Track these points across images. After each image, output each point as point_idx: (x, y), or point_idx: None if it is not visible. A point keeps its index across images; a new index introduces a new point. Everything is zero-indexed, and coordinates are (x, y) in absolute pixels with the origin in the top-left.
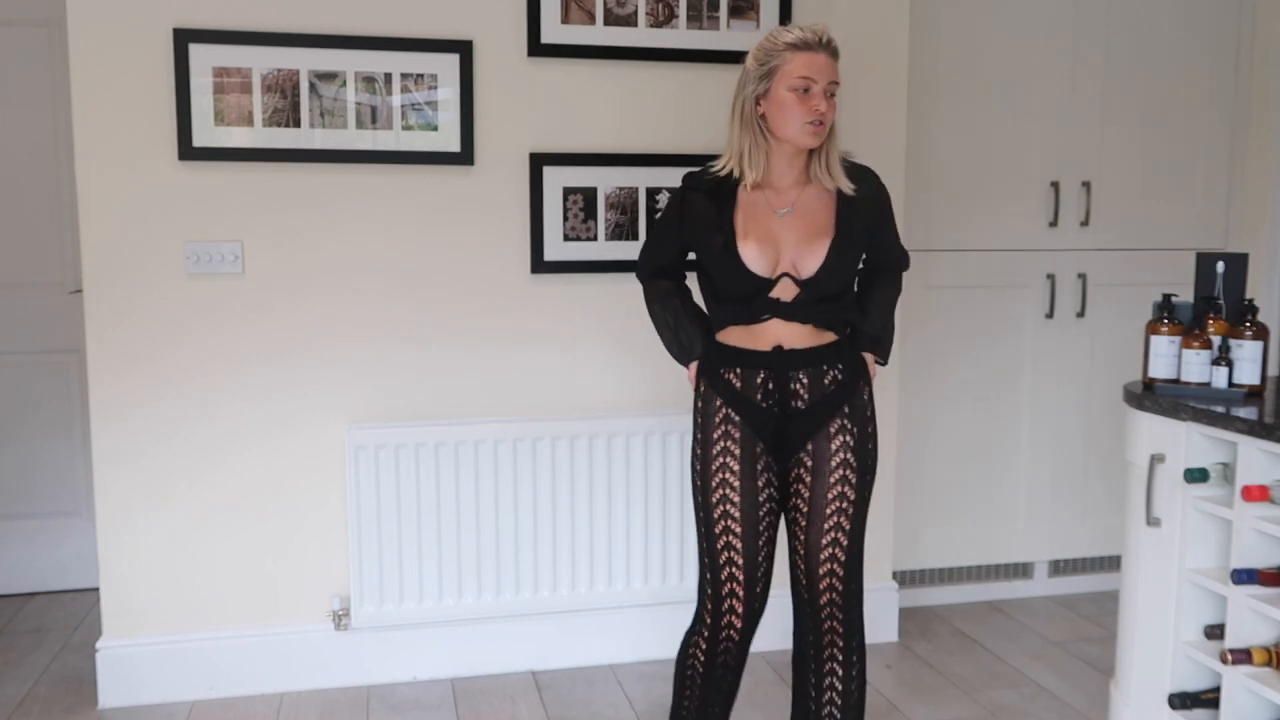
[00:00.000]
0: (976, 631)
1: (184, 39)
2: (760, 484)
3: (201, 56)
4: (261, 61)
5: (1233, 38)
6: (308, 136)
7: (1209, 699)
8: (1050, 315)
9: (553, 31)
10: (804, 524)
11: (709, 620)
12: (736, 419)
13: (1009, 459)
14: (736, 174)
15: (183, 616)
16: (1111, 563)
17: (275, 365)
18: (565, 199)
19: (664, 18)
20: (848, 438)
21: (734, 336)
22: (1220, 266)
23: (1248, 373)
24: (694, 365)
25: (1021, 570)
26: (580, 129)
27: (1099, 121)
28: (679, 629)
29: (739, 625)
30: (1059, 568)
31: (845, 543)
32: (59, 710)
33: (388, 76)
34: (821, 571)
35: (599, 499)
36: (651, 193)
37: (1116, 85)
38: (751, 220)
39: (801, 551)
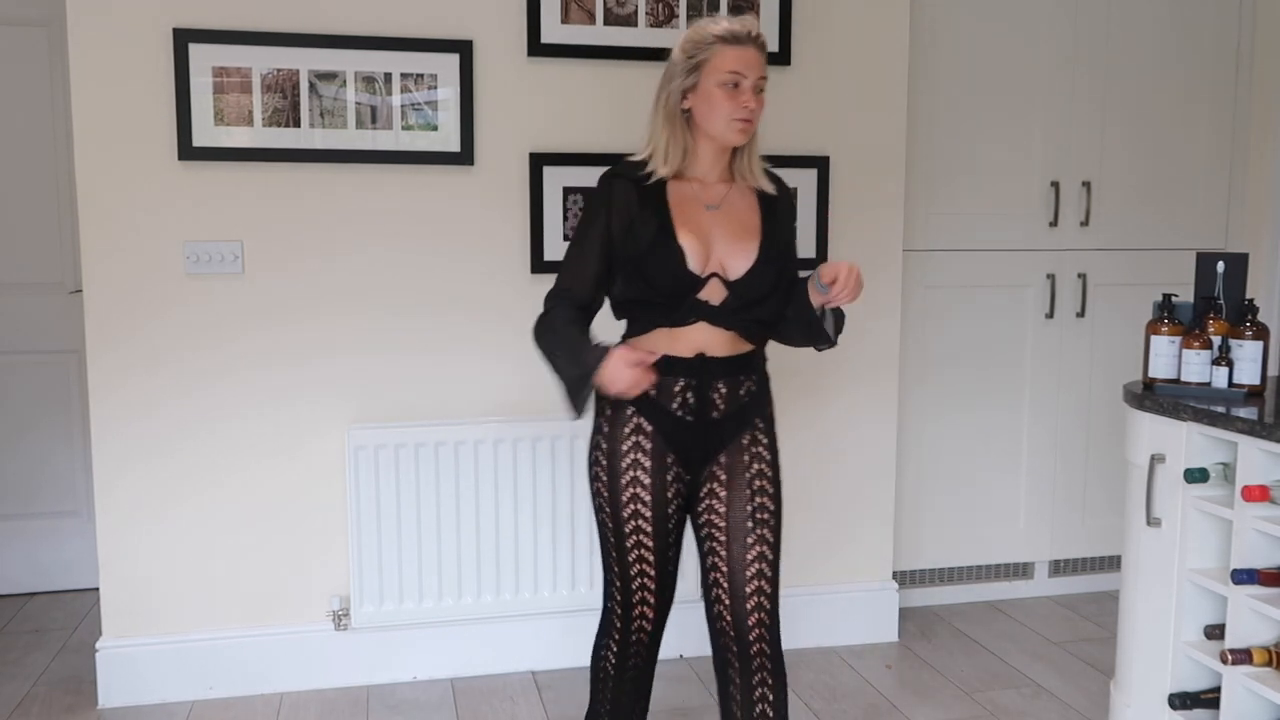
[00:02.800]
0: (976, 631)
1: (184, 39)
2: (670, 494)
3: (201, 56)
4: (261, 61)
5: (1233, 38)
6: (308, 136)
7: (1209, 699)
8: (1050, 315)
9: (553, 31)
10: (724, 540)
11: (619, 625)
12: (648, 428)
13: (1009, 459)
14: (653, 168)
15: (183, 616)
16: (1111, 563)
17: (275, 366)
18: (565, 199)
19: (664, 17)
20: (761, 449)
21: (654, 341)
22: (1220, 266)
23: (1248, 373)
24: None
25: (1021, 570)
26: (580, 129)
27: (1099, 121)
28: (680, 628)
29: (649, 629)
30: (1059, 568)
31: (771, 557)
32: (59, 710)
33: (388, 76)
34: (749, 590)
35: None
36: None
37: (1116, 85)
38: (682, 213)
39: (724, 569)
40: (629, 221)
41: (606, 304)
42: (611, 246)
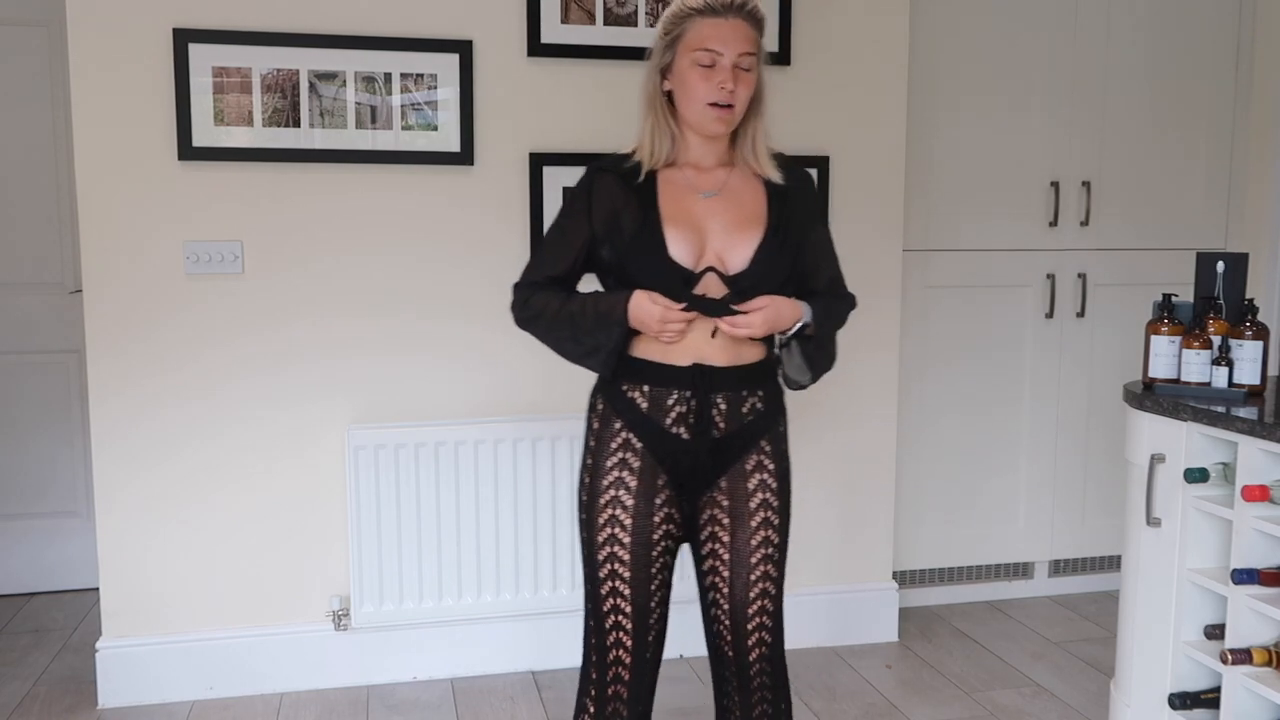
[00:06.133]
0: (976, 631)
1: (184, 39)
2: (656, 520)
3: (201, 56)
4: (261, 61)
5: (1233, 38)
6: (307, 136)
7: (1209, 699)
8: (1050, 315)
9: (553, 31)
10: (726, 575)
11: (594, 680)
12: (638, 445)
13: (1009, 459)
14: (642, 160)
15: (183, 616)
16: (1111, 563)
17: (275, 365)
18: (565, 199)
19: None
20: (767, 476)
21: (645, 347)
22: (1220, 266)
23: (1248, 373)
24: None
25: (1021, 570)
26: (580, 129)
27: (1099, 121)
28: (680, 628)
29: (625, 695)
30: (1059, 568)
31: (773, 592)
32: (59, 710)
33: (387, 76)
34: (750, 627)
35: None
36: None
37: (1116, 85)
38: (672, 202)
39: (725, 606)
40: (613, 217)
41: None
42: (593, 245)
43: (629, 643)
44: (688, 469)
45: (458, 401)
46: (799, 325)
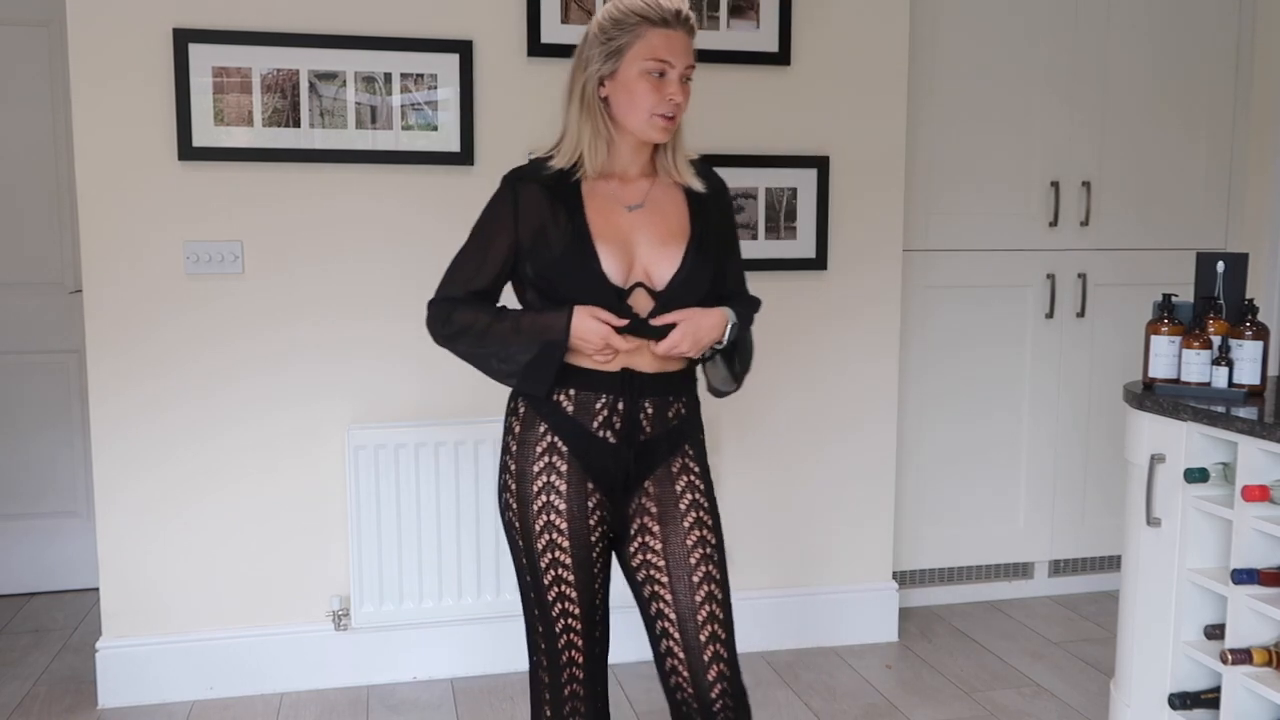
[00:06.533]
0: (976, 631)
1: (184, 39)
2: (592, 523)
3: (201, 56)
4: (261, 61)
5: (1233, 38)
6: (307, 136)
7: (1209, 699)
8: (1050, 315)
9: (553, 31)
10: (666, 581)
11: (548, 685)
12: (563, 449)
13: (1009, 459)
14: (576, 166)
15: (182, 617)
16: (1111, 563)
17: (275, 365)
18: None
19: None
20: (693, 478)
21: (578, 358)
22: (1220, 266)
23: (1248, 373)
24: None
25: (1021, 570)
26: None
27: (1099, 121)
28: None
29: (582, 693)
30: (1059, 568)
31: (721, 596)
32: (59, 710)
33: (387, 76)
34: (704, 637)
35: None
36: None
37: (1116, 85)
38: (600, 216)
39: (673, 617)
40: (540, 230)
41: None
42: (518, 258)
43: (580, 643)
44: (613, 472)
45: (458, 401)
46: (728, 335)
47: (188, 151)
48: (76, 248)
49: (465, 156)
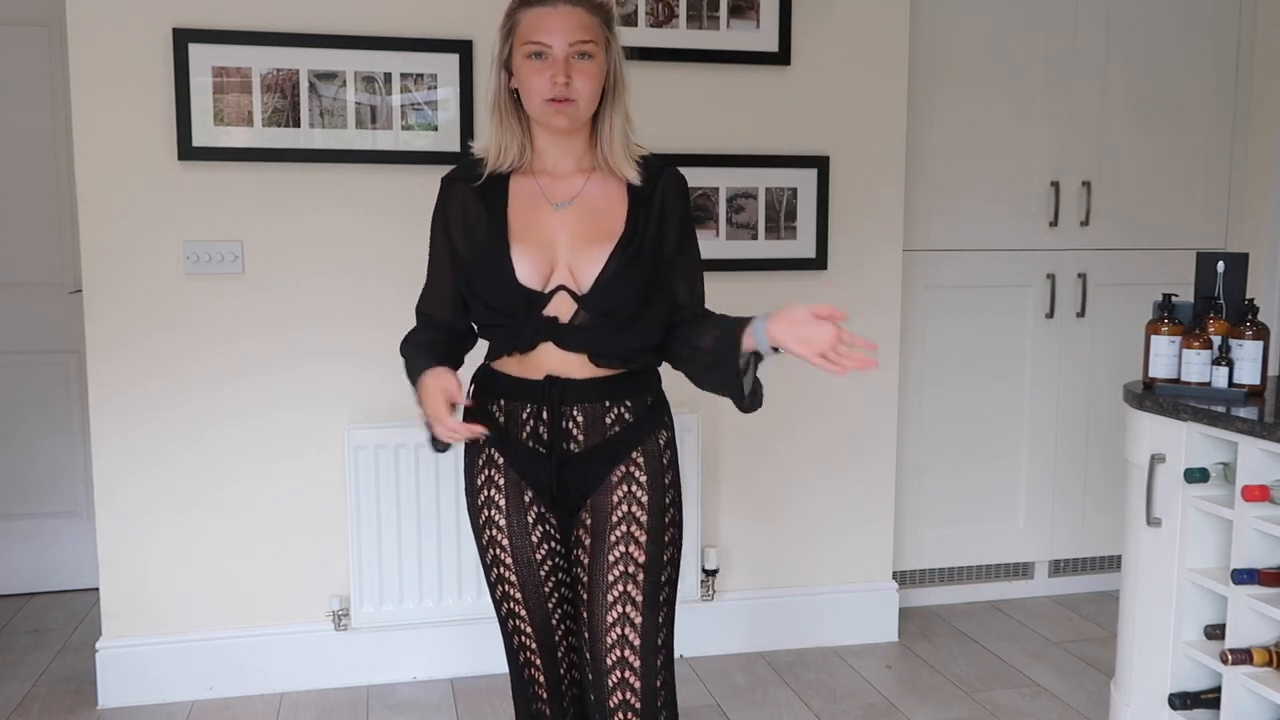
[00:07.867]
0: (976, 631)
1: (183, 39)
2: (535, 539)
3: (201, 56)
4: (261, 61)
5: (1233, 37)
6: (307, 136)
7: (1209, 699)
8: (1050, 315)
9: None
10: (585, 600)
11: (519, 702)
12: (500, 461)
13: (1009, 459)
14: (491, 164)
15: (182, 616)
16: (1111, 563)
17: (275, 365)
18: None
19: (664, 17)
20: (634, 488)
21: (507, 364)
22: (1220, 266)
23: (1248, 373)
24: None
25: (1021, 570)
26: None
27: (1099, 121)
28: (681, 628)
29: (548, 713)
30: (1059, 568)
31: (638, 620)
32: (59, 710)
33: (387, 76)
34: (609, 663)
35: None
36: None
37: (1116, 85)
38: (522, 215)
39: (586, 635)
40: (469, 230)
41: None
42: (457, 261)
43: (539, 662)
44: (550, 485)
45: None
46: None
47: (187, 151)
48: (76, 248)
49: (465, 157)
